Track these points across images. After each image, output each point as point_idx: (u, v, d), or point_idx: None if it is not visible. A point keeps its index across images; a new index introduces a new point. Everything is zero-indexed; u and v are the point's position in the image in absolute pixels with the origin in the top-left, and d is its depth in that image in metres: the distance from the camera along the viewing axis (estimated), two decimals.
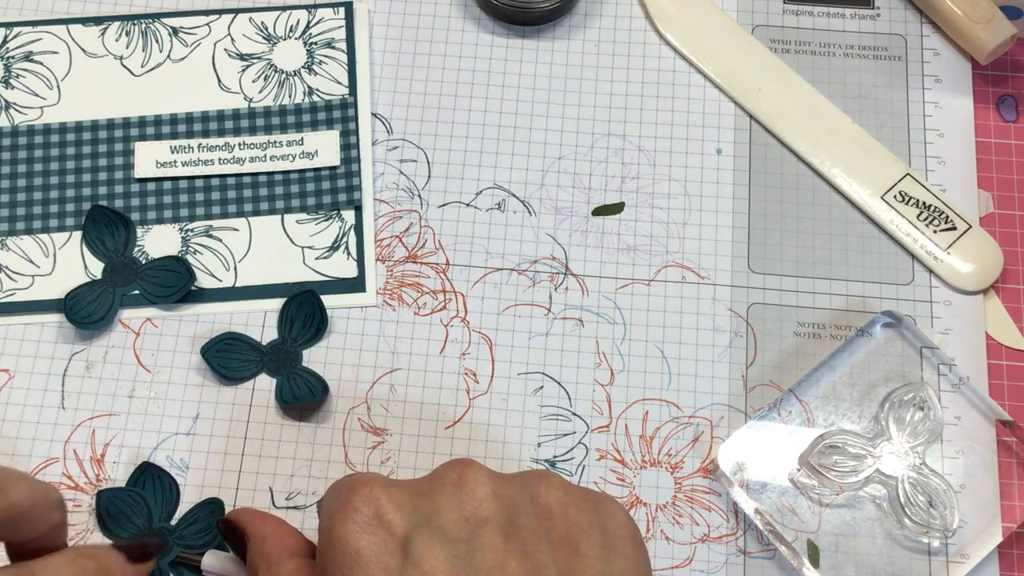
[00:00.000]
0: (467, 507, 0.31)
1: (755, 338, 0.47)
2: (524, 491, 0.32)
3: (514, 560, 0.30)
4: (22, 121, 0.50)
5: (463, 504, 0.31)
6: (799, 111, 0.50)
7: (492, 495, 0.32)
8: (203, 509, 0.43)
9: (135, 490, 0.43)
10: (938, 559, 0.43)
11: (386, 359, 0.46)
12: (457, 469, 0.32)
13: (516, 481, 0.33)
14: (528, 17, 0.52)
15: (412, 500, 0.32)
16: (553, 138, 0.50)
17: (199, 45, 0.51)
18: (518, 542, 0.31)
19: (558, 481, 0.33)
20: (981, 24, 0.50)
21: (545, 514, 0.32)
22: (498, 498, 0.32)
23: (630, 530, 0.33)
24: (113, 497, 0.43)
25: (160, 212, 0.48)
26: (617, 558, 0.32)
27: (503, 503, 0.32)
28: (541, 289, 0.47)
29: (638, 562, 0.32)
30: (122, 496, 0.43)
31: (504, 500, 0.32)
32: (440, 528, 0.31)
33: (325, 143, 0.49)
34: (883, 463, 0.44)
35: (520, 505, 0.32)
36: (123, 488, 0.43)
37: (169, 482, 0.43)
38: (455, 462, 0.33)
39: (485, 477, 0.32)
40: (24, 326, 0.46)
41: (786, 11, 0.53)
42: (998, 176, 0.49)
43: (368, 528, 0.31)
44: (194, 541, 0.41)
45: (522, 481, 0.33)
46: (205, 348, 0.45)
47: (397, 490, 0.32)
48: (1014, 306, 0.47)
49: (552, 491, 0.33)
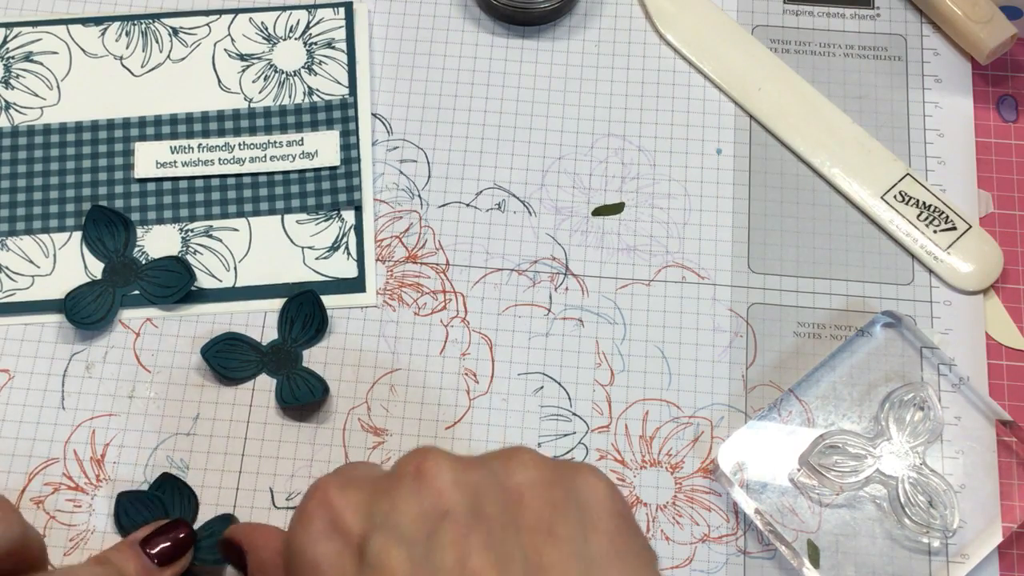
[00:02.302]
0: (426, 501, 0.29)
1: (755, 338, 0.47)
2: (490, 474, 0.30)
3: (477, 555, 0.28)
4: (22, 121, 0.50)
5: (422, 498, 0.29)
6: (799, 111, 0.50)
7: (452, 484, 0.29)
8: (220, 524, 0.42)
9: (156, 494, 0.43)
10: (938, 559, 0.43)
11: (386, 359, 0.46)
12: (415, 459, 0.30)
13: (481, 464, 0.30)
14: (528, 17, 0.52)
15: (370, 500, 0.30)
16: (553, 138, 0.50)
17: (199, 45, 0.51)
18: (481, 534, 0.28)
19: (529, 458, 0.30)
20: (981, 24, 0.50)
21: (514, 497, 0.29)
22: (459, 487, 0.29)
23: (612, 503, 0.30)
24: (133, 499, 0.42)
25: (160, 212, 0.48)
26: (596, 536, 0.29)
27: (465, 492, 0.29)
28: (541, 289, 0.47)
29: (623, 537, 0.29)
30: (142, 500, 0.43)
31: (466, 489, 0.29)
32: (397, 528, 0.28)
33: (325, 143, 0.49)
34: (883, 463, 0.44)
35: (485, 491, 0.29)
36: (144, 492, 0.43)
37: (189, 494, 0.43)
38: (414, 452, 0.30)
39: (446, 464, 0.29)
40: (24, 326, 0.46)
41: (786, 11, 0.53)
42: (998, 176, 0.49)
43: (323, 536, 0.29)
44: (207, 556, 0.41)
45: (488, 463, 0.30)
46: (205, 348, 0.45)
47: (355, 490, 0.30)
48: (1014, 306, 0.47)
49: (521, 470, 0.30)
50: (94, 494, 0.43)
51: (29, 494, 0.43)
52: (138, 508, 0.42)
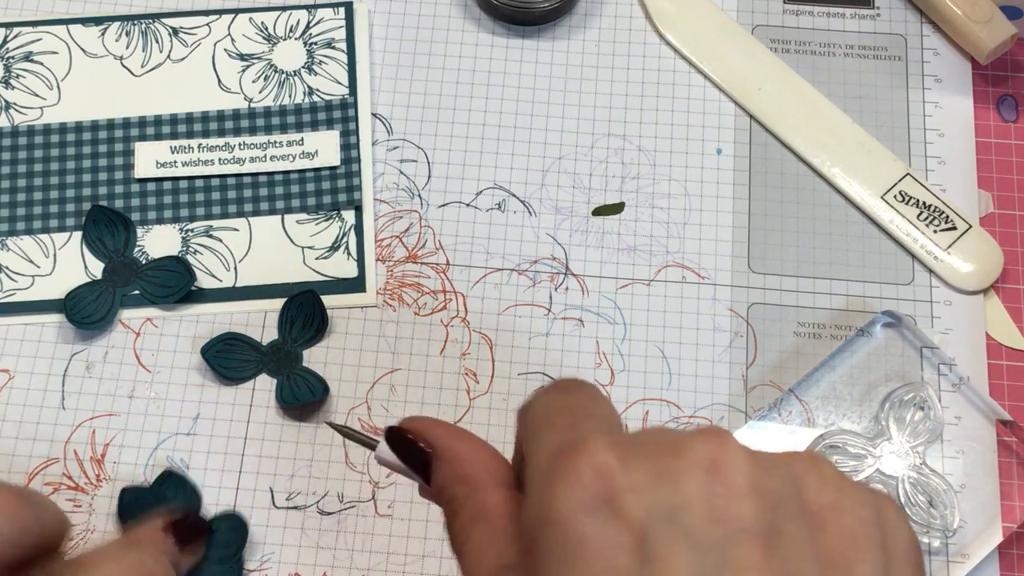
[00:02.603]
0: (721, 503, 0.24)
1: (755, 338, 0.47)
2: (790, 484, 0.26)
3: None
4: (22, 121, 0.50)
5: (716, 498, 0.25)
6: (799, 111, 0.50)
7: (752, 490, 0.25)
8: (224, 522, 0.42)
9: (159, 490, 0.43)
10: (938, 559, 0.43)
11: (386, 359, 0.46)
12: (710, 445, 0.25)
13: (780, 468, 0.26)
14: (528, 17, 0.52)
15: (652, 481, 0.25)
16: (553, 138, 0.50)
17: (199, 45, 0.51)
18: (780, 558, 0.24)
19: (831, 473, 0.26)
20: (981, 24, 0.50)
21: (816, 521, 0.25)
22: (760, 496, 0.25)
23: (914, 552, 0.26)
24: (136, 495, 0.43)
25: (160, 212, 0.48)
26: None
27: (766, 503, 0.25)
28: (541, 289, 0.47)
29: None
30: (145, 496, 0.43)
31: (767, 499, 0.25)
32: (686, 527, 0.24)
33: (325, 143, 0.49)
34: (883, 463, 0.44)
35: (786, 505, 0.25)
36: (147, 487, 0.43)
37: (191, 489, 0.43)
38: (706, 434, 0.26)
39: (745, 463, 0.25)
40: (24, 326, 0.46)
41: (786, 11, 0.53)
42: (998, 176, 0.49)
43: (595, 509, 0.24)
44: (211, 553, 0.41)
45: (788, 469, 0.26)
46: (205, 348, 0.45)
47: (638, 466, 0.25)
48: (1014, 306, 0.47)
49: (826, 489, 0.26)
50: (94, 494, 0.43)
51: None
52: (141, 504, 0.42)
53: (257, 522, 0.43)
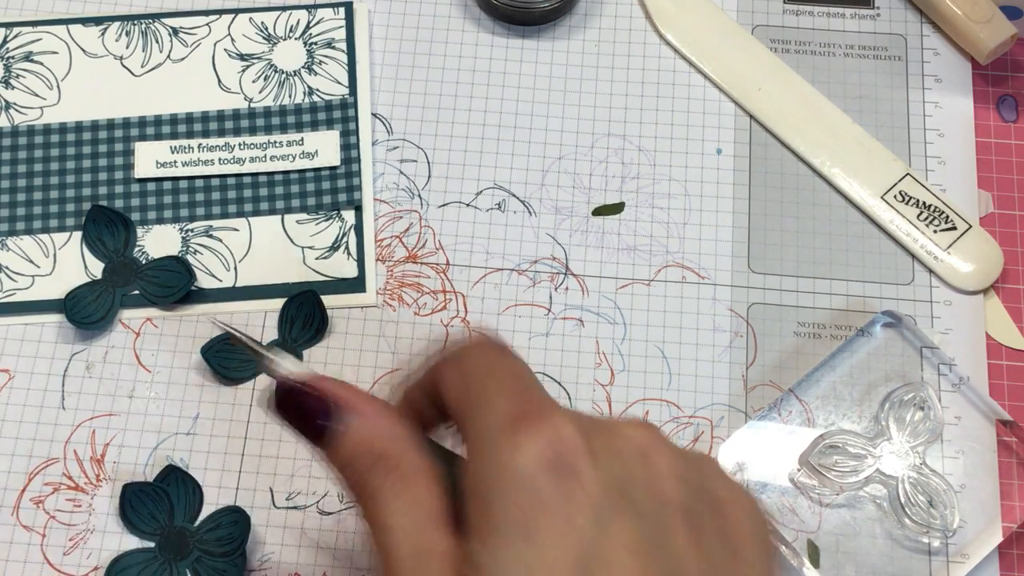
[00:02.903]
0: (657, 481, 0.28)
1: (755, 338, 0.47)
2: (699, 475, 0.29)
3: (694, 553, 0.27)
4: (22, 121, 0.50)
5: (651, 476, 0.28)
6: (799, 111, 0.50)
7: (676, 475, 0.28)
8: (226, 516, 0.42)
9: (161, 486, 0.43)
10: (938, 559, 0.43)
11: (386, 359, 0.46)
12: (644, 434, 0.28)
13: (693, 464, 0.29)
14: (528, 17, 0.52)
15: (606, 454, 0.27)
16: (553, 138, 0.50)
17: (199, 45, 0.51)
18: (696, 534, 0.28)
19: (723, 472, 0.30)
20: (981, 24, 0.50)
21: (719, 508, 0.29)
22: (681, 480, 0.28)
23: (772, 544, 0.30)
24: (138, 491, 0.43)
25: (160, 212, 0.48)
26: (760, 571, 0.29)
27: (686, 487, 0.28)
28: (541, 289, 0.47)
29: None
30: (147, 491, 0.43)
31: (686, 484, 0.28)
32: (632, 498, 0.27)
33: (325, 143, 0.49)
34: (883, 463, 0.44)
35: (699, 491, 0.29)
36: (149, 483, 0.43)
37: (193, 486, 0.43)
38: (639, 425, 0.29)
39: (669, 452, 0.28)
40: (24, 326, 0.46)
41: (786, 11, 0.53)
42: (998, 176, 0.49)
43: (554, 469, 0.26)
44: (214, 548, 0.41)
45: (698, 464, 0.30)
46: (205, 348, 0.45)
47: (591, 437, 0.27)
48: (1014, 306, 0.47)
49: (721, 483, 0.29)
50: (94, 494, 0.43)
51: (29, 494, 0.43)
52: (143, 500, 0.42)
53: (257, 522, 0.43)
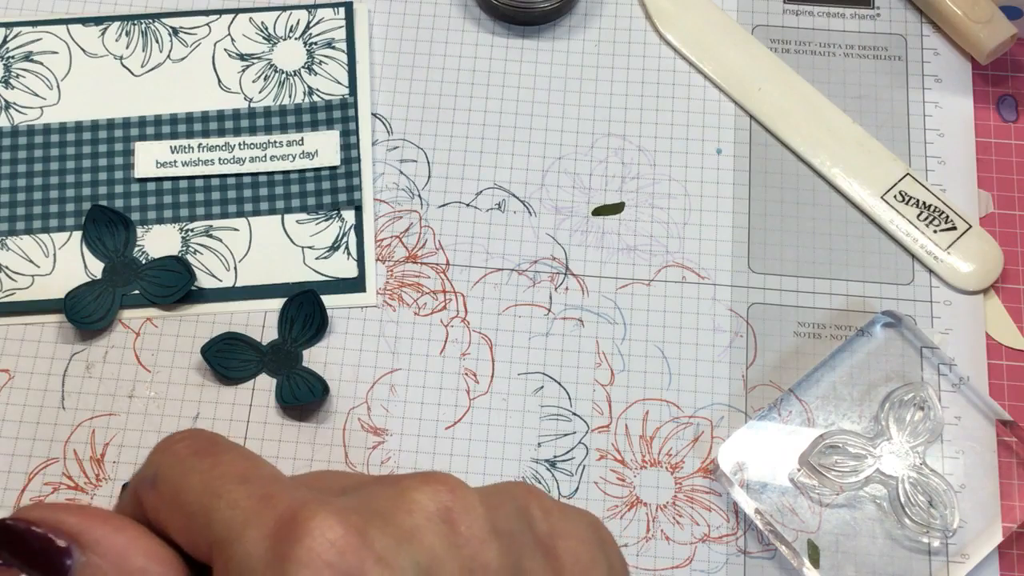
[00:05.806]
0: (468, 552, 0.23)
1: (755, 338, 0.47)
2: (520, 520, 0.25)
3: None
4: (22, 121, 0.50)
5: (462, 548, 0.23)
6: (799, 111, 0.50)
7: (491, 533, 0.24)
8: None
9: None
10: (938, 559, 0.43)
11: (386, 359, 0.46)
12: (439, 494, 0.24)
13: (507, 505, 0.26)
14: (528, 17, 0.52)
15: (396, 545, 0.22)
16: (553, 138, 0.50)
17: (199, 45, 0.51)
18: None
19: (549, 502, 0.26)
20: (981, 24, 0.50)
21: (547, 550, 0.25)
22: (499, 537, 0.24)
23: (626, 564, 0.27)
24: None
25: (160, 212, 0.48)
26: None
27: (505, 544, 0.24)
28: (541, 289, 0.47)
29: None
30: None
31: (505, 539, 0.24)
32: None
33: (325, 143, 0.49)
34: (883, 463, 0.43)
35: (522, 541, 0.25)
36: None
37: None
38: (429, 482, 0.24)
39: (477, 505, 0.24)
40: (24, 326, 0.46)
41: (786, 11, 0.53)
42: (998, 176, 0.49)
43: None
44: None
45: (514, 504, 0.26)
46: (205, 348, 0.45)
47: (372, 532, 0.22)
48: (1014, 306, 0.47)
49: (548, 518, 0.26)
50: (94, 494, 0.43)
51: (29, 494, 0.43)
52: None
53: None
